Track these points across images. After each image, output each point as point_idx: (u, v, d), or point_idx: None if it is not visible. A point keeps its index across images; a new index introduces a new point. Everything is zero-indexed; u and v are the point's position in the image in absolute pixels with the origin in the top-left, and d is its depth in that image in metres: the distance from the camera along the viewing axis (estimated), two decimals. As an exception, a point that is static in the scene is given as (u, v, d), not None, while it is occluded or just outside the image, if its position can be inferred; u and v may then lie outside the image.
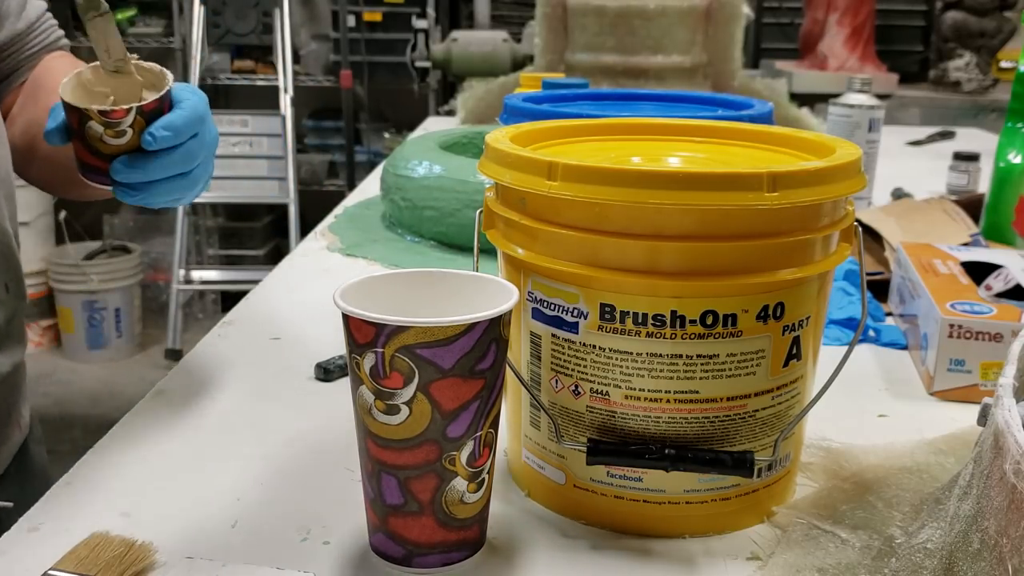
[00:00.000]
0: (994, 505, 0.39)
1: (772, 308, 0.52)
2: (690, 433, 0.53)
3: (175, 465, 0.63)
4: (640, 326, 0.51)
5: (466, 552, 0.53)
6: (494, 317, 0.48)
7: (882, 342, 0.86)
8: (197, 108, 0.63)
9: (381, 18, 3.49)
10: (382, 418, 0.49)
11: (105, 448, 0.65)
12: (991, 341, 0.73)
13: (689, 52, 1.86)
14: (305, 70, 3.72)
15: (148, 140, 0.59)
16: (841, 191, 0.51)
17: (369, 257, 1.09)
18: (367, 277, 0.53)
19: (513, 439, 0.61)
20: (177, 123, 0.60)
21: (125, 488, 0.60)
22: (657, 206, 0.48)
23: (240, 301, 0.95)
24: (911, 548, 0.49)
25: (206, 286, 3.36)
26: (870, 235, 1.03)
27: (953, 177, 1.49)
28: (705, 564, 0.53)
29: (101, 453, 0.64)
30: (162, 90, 0.61)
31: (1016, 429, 0.38)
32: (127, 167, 0.60)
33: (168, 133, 0.60)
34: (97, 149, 0.60)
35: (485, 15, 3.51)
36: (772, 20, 3.54)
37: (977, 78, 3.23)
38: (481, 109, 1.96)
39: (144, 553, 0.51)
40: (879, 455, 0.64)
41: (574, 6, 1.89)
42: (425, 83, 3.52)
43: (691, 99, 1.11)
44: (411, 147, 1.20)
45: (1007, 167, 1.07)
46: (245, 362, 0.80)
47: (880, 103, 1.33)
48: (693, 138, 0.67)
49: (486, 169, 0.56)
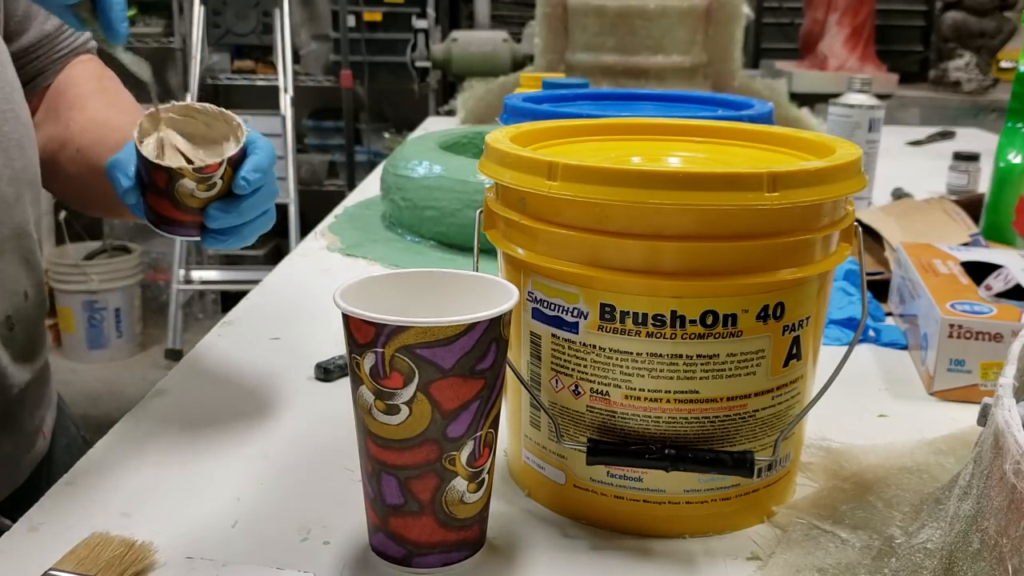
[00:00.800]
0: (994, 505, 0.39)
1: (772, 308, 0.52)
2: (690, 433, 0.53)
3: (175, 465, 0.63)
4: (640, 326, 0.51)
5: (466, 552, 0.53)
6: (494, 317, 0.48)
7: (882, 342, 0.86)
8: (269, 148, 0.64)
9: (381, 18, 3.49)
10: (382, 418, 0.49)
11: (105, 448, 0.65)
12: (991, 341, 0.73)
13: (689, 52, 1.86)
14: (305, 70, 3.72)
15: (242, 185, 0.60)
16: (841, 191, 0.51)
17: (369, 257, 1.09)
18: (367, 277, 0.53)
19: (513, 439, 0.61)
20: (264, 164, 0.61)
21: (125, 488, 0.60)
22: (657, 206, 0.48)
23: (240, 301, 0.95)
24: (911, 548, 0.49)
25: (206, 286, 3.36)
26: (870, 235, 1.03)
27: (953, 177, 1.49)
28: (705, 564, 0.53)
29: (101, 453, 0.64)
30: (238, 136, 0.62)
31: (1016, 429, 0.38)
32: (223, 213, 0.61)
33: (258, 175, 0.61)
34: (186, 204, 0.61)
35: (485, 15, 3.51)
36: (772, 20, 3.54)
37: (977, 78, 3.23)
38: (481, 109, 1.96)
39: (144, 553, 0.51)
40: (879, 455, 0.64)
41: (574, 6, 1.89)
42: (425, 83, 3.52)
43: (691, 99, 1.11)
44: (411, 147, 1.20)
45: (1007, 167, 1.07)
46: (245, 362, 0.80)
47: (880, 103, 1.33)
48: (693, 138, 0.67)
49: (486, 169, 0.56)
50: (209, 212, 0.61)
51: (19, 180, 0.73)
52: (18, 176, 0.73)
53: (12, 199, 0.72)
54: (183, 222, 0.63)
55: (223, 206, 0.62)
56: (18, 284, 0.74)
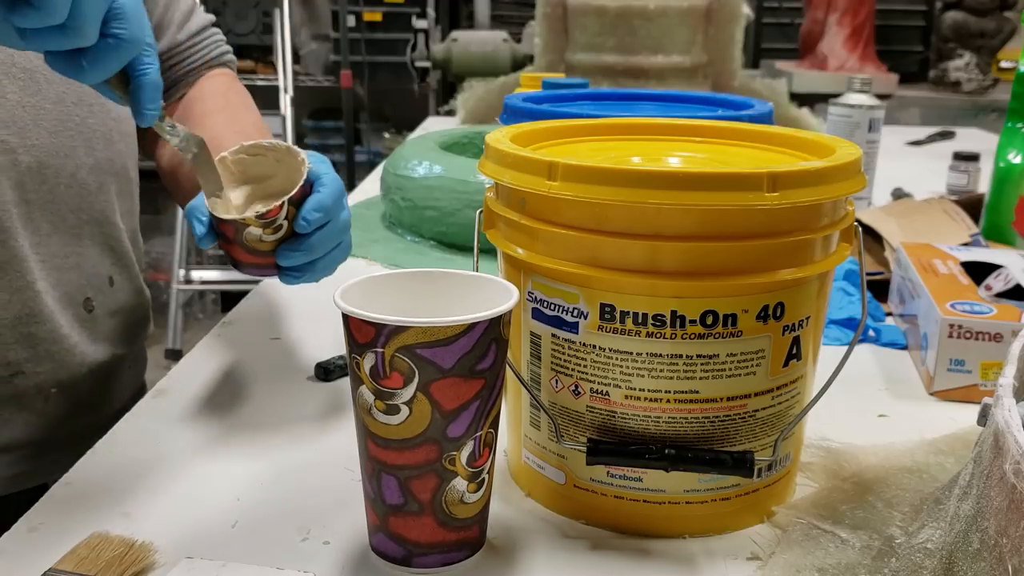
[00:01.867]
0: (994, 505, 0.39)
1: (772, 308, 0.52)
2: (690, 433, 0.53)
3: (175, 465, 0.63)
4: (640, 326, 0.51)
5: (466, 552, 0.53)
6: (494, 317, 0.48)
7: (882, 342, 0.86)
8: (336, 182, 0.65)
9: (381, 18, 3.49)
10: (382, 418, 0.49)
11: (105, 448, 0.65)
12: (991, 341, 0.73)
13: (689, 52, 1.86)
14: (305, 70, 3.72)
15: (303, 225, 0.62)
16: (841, 191, 0.51)
17: (369, 257, 1.08)
18: (367, 277, 0.53)
19: (513, 439, 0.61)
20: (326, 202, 0.63)
21: (125, 488, 0.60)
22: (657, 206, 0.48)
23: (240, 301, 0.95)
24: (911, 548, 0.49)
25: (206, 286, 3.35)
26: (870, 235, 1.02)
27: (953, 177, 1.49)
28: (705, 564, 0.53)
29: (101, 453, 0.64)
30: (300, 173, 0.62)
31: (1016, 429, 0.38)
32: (292, 251, 0.63)
33: (319, 214, 0.62)
34: (256, 249, 0.63)
35: (485, 15, 3.52)
36: (772, 20, 3.54)
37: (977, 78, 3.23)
38: (481, 109, 1.96)
39: (144, 553, 0.51)
40: (879, 455, 0.64)
41: (574, 6, 1.89)
42: (425, 83, 3.52)
43: (691, 99, 1.11)
44: (411, 147, 1.20)
45: (1007, 167, 1.07)
46: (245, 362, 0.80)
47: (880, 103, 1.33)
48: (693, 138, 0.67)
49: (486, 169, 0.56)
50: (279, 252, 0.63)
51: (102, 170, 0.79)
52: (101, 166, 0.79)
53: (94, 188, 0.78)
54: (259, 264, 0.64)
55: (292, 245, 0.63)
56: (99, 268, 0.81)
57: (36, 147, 0.73)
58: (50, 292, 0.76)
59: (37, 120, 0.73)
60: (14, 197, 0.72)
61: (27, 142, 0.73)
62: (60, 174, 0.75)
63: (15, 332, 0.74)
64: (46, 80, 0.74)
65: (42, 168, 0.74)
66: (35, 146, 0.73)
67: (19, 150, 0.72)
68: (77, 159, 0.76)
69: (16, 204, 0.72)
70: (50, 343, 0.76)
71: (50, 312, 0.76)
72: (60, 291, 0.77)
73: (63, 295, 0.77)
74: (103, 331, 0.82)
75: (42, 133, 0.74)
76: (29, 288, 0.74)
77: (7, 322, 0.73)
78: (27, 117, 0.73)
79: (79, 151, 0.77)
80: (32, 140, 0.73)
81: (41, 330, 0.75)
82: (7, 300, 0.73)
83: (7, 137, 0.71)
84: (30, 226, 0.74)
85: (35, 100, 0.73)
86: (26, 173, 0.73)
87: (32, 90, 0.73)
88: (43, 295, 0.75)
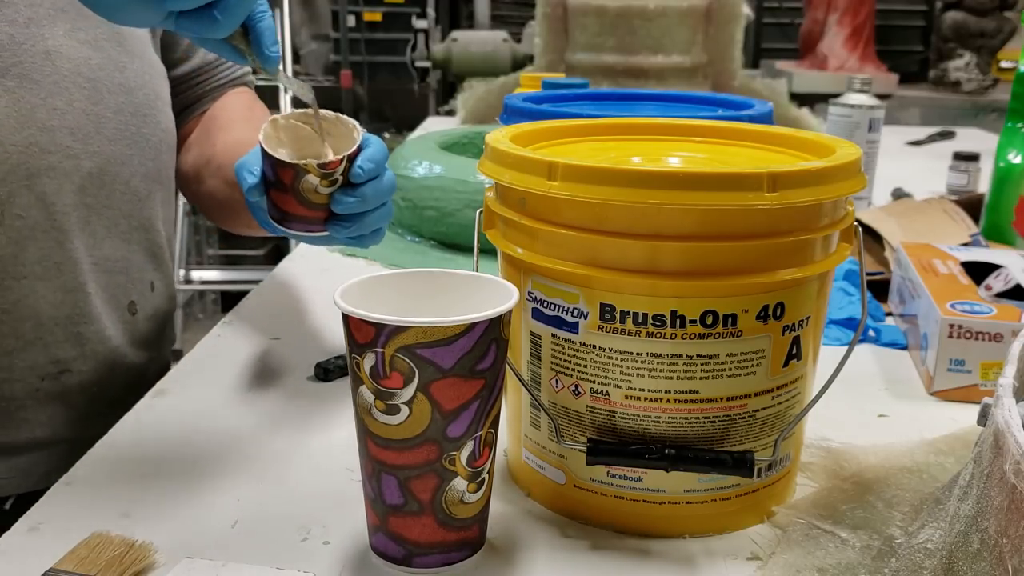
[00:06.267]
0: (994, 505, 0.39)
1: (772, 308, 0.52)
2: (690, 433, 0.53)
3: (175, 465, 0.63)
4: (640, 326, 0.51)
5: (466, 552, 0.53)
6: (494, 317, 0.48)
7: (882, 342, 0.86)
8: (381, 143, 0.68)
9: (381, 18, 3.49)
10: (382, 418, 0.49)
11: (105, 448, 0.65)
12: (991, 341, 0.73)
13: (689, 52, 1.86)
14: (305, 70, 3.72)
15: (358, 173, 0.64)
16: (841, 191, 0.51)
17: (369, 257, 1.09)
18: (367, 277, 0.53)
19: (513, 439, 0.61)
20: (377, 156, 0.66)
21: (125, 488, 0.60)
22: (657, 206, 0.48)
23: (240, 301, 0.95)
24: (911, 548, 0.50)
25: (206, 286, 3.36)
26: (870, 235, 1.03)
27: (953, 177, 1.49)
28: (705, 564, 0.53)
29: (101, 453, 0.64)
30: (355, 136, 0.65)
31: (1016, 429, 0.38)
32: (348, 197, 0.65)
33: (372, 165, 0.65)
34: (309, 200, 0.65)
35: (485, 15, 3.52)
36: (772, 20, 3.54)
37: (977, 78, 3.23)
38: (481, 109, 1.96)
39: (144, 553, 0.51)
40: (879, 455, 0.64)
41: (574, 6, 1.89)
42: (425, 83, 3.52)
43: (691, 99, 1.11)
44: (411, 147, 1.20)
45: (1007, 167, 1.07)
46: (245, 362, 0.80)
47: (880, 103, 1.33)
48: (693, 138, 0.67)
49: (486, 169, 0.56)
50: (335, 197, 0.65)
51: (151, 178, 0.84)
52: (150, 175, 0.83)
53: (144, 194, 0.83)
54: (306, 217, 0.66)
55: (346, 192, 0.65)
56: (144, 273, 0.85)
57: (97, 154, 0.77)
58: (99, 294, 0.80)
59: (99, 128, 0.77)
60: (74, 201, 0.76)
61: (89, 148, 0.77)
62: (116, 181, 0.80)
63: (65, 331, 0.78)
64: (108, 91, 0.78)
65: (102, 174, 0.78)
66: (96, 153, 0.77)
67: (82, 156, 0.76)
68: (132, 167, 0.81)
69: (76, 208, 0.76)
70: (96, 343, 0.80)
71: (98, 313, 0.80)
72: (108, 293, 0.81)
73: (111, 297, 0.81)
74: (142, 334, 0.86)
75: (103, 141, 0.78)
76: (81, 289, 0.78)
77: (59, 321, 0.77)
78: (90, 125, 0.77)
79: (134, 159, 0.81)
80: (94, 147, 0.77)
81: (88, 330, 0.79)
82: (60, 300, 0.77)
83: (72, 143, 0.75)
84: (87, 229, 0.78)
85: (98, 109, 0.77)
86: (87, 179, 0.77)
87: (96, 99, 0.77)
88: (93, 296, 0.79)
